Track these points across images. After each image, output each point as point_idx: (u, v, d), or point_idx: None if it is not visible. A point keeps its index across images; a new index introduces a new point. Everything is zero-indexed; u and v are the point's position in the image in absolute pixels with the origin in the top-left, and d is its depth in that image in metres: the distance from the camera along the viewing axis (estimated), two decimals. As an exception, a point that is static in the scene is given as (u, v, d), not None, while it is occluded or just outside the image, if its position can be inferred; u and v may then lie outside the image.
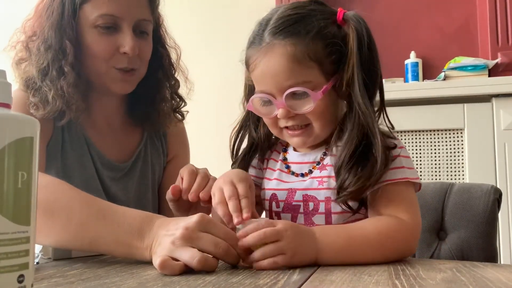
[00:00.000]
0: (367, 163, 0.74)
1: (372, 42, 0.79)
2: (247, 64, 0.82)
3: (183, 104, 1.17)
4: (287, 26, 0.77)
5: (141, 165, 1.10)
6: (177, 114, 1.16)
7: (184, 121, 1.22)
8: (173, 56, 1.15)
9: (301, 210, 0.80)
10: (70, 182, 0.97)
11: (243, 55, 0.84)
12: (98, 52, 0.97)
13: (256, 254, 0.64)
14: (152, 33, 1.06)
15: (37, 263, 0.69)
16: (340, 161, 0.75)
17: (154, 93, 1.10)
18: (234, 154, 0.91)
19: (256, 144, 0.90)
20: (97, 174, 1.02)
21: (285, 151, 0.88)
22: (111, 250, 0.70)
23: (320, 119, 0.79)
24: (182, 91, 1.16)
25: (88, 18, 0.97)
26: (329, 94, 0.78)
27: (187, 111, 1.19)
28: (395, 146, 0.78)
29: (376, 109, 0.81)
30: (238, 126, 0.91)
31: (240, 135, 0.91)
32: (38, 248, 0.75)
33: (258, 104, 0.82)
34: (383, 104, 0.82)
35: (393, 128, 0.82)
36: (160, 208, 1.16)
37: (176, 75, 1.15)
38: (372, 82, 0.79)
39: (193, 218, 0.64)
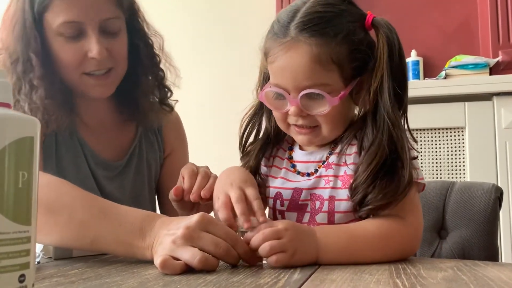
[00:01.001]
0: (394, 178, 0.71)
1: (402, 50, 0.76)
2: (267, 54, 0.79)
3: (170, 94, 1.13)
4: (315, 24, 0.74)
5: (136, 162, 1.09)
6: (165, 106, 1.13)
7: (184, 120, 1.21)
8: (157, 45, 1.10)
9: (308, 209, 0.79)
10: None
11: (262, 42, 0.81)
12: (66, 61, 0.95)
13: (260, 250, 0.64)
14: (127, 25, 1.02)
15: (38, 262, 0.69)
16: (366, 173, 0.72)
17: (137, 88, 1.07)
18: (243, 143, 0.89)
19: (269, 136, 0.88)
20: (92, 174, 1.02)
21: (291, 149, 0.87)
22: (112, 249, 0.70)
23: (331, 123, 0.78)
24: (171, 79, 1.12)
25: (52, 27, 0.93)
26: (344, 99, 0.76)
27: (176, 100, 1.16)
28: (416, 157, 0.76)
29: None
30: (251, 112, 0.88)
31: (251, 122, 0.88)
32: (39, 247, 0.75)
33: (270, 96, 0.80)
34: (406, 113, 0.78)
35: (416, 142, 0.78)
36: (161, 204, 1.16)
37: (162, 64, 1.11)
38: (403, 92, 0.76)
39: (194, 218, 0.64)
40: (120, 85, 1.04)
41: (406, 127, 0.78)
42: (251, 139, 0.90)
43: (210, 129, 2.72)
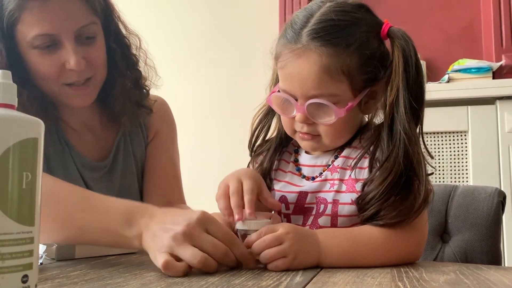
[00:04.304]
0: (409, 195, 0.70)
1: (419, 62, 0.75)
2: (277, 59, 0.79)
3: (147, 94, 1.11)
4: (328, 32, 0.73)
5: (123, 157, 1.08)
6: (143, 107, 1.10)
7: (187, 120, 1.20)
8: (134, 45, 1.07)
9: (314, 212, 0.79)
10: None
11: (274, 44, 0.80)
12: (44, 73, 0.93)
13: (261, 258, 0.65)
14: (103, 27, 0.99)
15: (41, 263, 0.69)
16: (379, 189, 0.70)
17: (113, 90, 1.05)
18: (253, 142, 0.89)
19: (281, 137, 0.87)
20: (80, 175, 1.02)
21: (297, 152, 0.87)
22: (99, 239, 0.70)
23: (333, 134, 0.78)
24: (150, 78, 1.10)
25: (25, 39, 0.90)
26: (351, 109, 0.76)
27: (155, 100, 1.14)
28: (432, 173, 0.75)
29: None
30: (263, 110, 0.88)
31: (263, 122, 0.88)
32: (42, 248, 0.75)
33: (279, 99, 0.80)
34: (422, 130, 0.77)
35: (432, 157, 0.77)
36: (144, 189, 1.12)
37: (140, 65, 1.08)
38: (419, 106, 0.74)
39: (195, 215, 0.64)
40: (104, 88, 1.03)
41: (422, 142, 0.76)
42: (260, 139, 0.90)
43: (212, 130, 2.73)
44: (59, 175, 0.98)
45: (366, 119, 0.84)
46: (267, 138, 0.90)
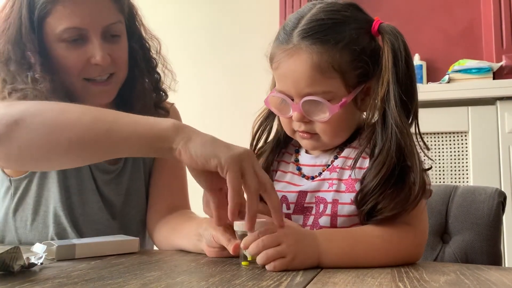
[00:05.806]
0: (404, 187, 0.71)
1: (409, 57, 0.76)
2: (271, 60, 0.80)
3: (165, 97, 1.13)
4: (317, 31, 0.74)
5: (132, 161, 1.09)
6: (160, 109, 1.11)
7: (187, 122, 1.20)
8: (154, 49, 1.10)
9: (313, 212, 0.79)
10: (67, 180, 0.96)
11: (269, 48, 0.81)
12: (68, 66, 0.95)
13: (258, 259, 0.65)
14: (126, 29, 1.02)
15: (41, 263, 0.69)
16: (374, 182, 0.71)
17: (133, 90, 1.06)
18: (254, 145, 0.89)
19: (280, 139, 0.88)
20: (92, 176, 1.02)
21: (298, 152, 0.87)
22: (131, 132, 0.71)
23: (330, 132, 0.78)
24: (167, 82, 1.12)
25: (53, 32, 0.93)
26: (347, 106, 0.76)
27: (172, 103, 1.15)
28: (430, 168, 0.75)
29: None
30: (263, 114, 0.89)
31: (264, 125, 0.89)
32: (42, 248, 0.75)
33: (276, 101, 0.81)
34: (417, 122, 0.77)
35: (428, 149, 0.77)
36: (149, 192, 1.12)
37: (158, 68, 1.10)
38: (410, 99, 0.75)
39: (247, 149, 0.71)
40: (123, 89, 1.04)
41: (418, 135, 0.77)
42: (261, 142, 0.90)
43: (213, 134, 2.72)
44: (71, 172, 0.98)
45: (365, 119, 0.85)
46: (268, 140, 0.90)
